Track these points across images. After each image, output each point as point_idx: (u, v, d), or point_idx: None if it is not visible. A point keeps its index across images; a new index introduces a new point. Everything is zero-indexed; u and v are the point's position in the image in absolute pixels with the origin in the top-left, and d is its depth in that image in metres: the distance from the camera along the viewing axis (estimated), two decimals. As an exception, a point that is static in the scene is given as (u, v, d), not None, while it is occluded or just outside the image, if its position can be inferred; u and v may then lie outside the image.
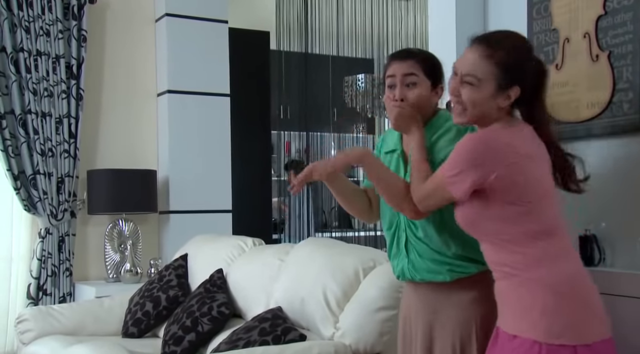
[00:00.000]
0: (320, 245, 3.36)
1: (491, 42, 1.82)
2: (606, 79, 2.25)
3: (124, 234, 4.86)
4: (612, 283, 2.10)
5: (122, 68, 5.08)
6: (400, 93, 2.13)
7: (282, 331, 2.89)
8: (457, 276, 2.08)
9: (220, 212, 5.20)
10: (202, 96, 5.15)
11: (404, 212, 2.09)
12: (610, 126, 2.25)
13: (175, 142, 5.06)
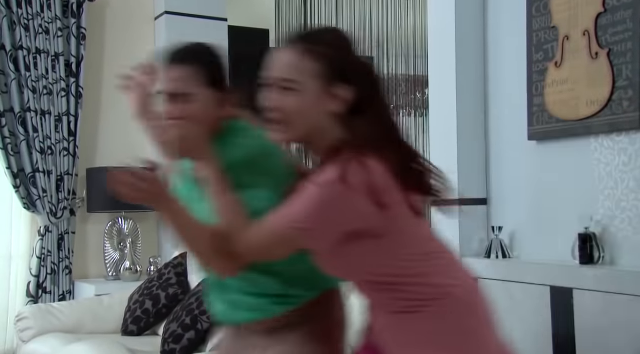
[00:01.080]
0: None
1: (309, 39, 1.52)
2: (606, 76, 2.23)
3: (123, 232, 4.85)
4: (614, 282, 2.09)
5: (122, 66, 5.05)
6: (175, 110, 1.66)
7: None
8: (282, 311, 1.67)
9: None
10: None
11: (216, 268, 1.62)
12: (610, 124, 2.23)
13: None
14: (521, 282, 2.45)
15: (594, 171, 2.36)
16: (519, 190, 2.61)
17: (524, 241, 2.59)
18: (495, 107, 2.71)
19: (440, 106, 2.78)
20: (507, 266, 2.51)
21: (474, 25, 2.66)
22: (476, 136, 2.73)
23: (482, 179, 2.73)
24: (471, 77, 2.72)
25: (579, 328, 2.24)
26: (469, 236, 2.68)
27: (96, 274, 4.86)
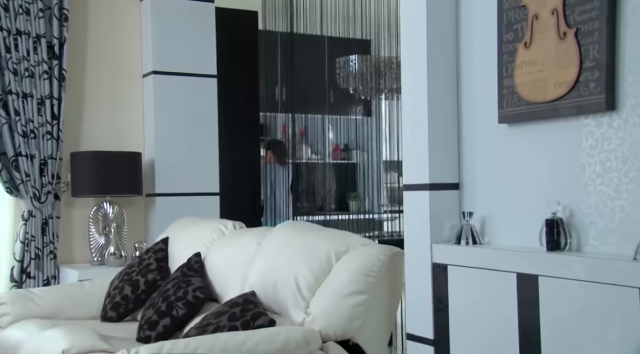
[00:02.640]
0: (296, 229, 3.32)
1: None
2: (573, 57, 2.18)
3: (108, 217, 4.83)
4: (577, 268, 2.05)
5: (107, 48, 5.03)
6: None
7: (252, 316, 2.86)
8: None
9: (208, 195, 5.17)
10: (189, 77, 5.10)
11: None
12: (577, 106, 2.18)
13: (161, 124, 5.02)
14: (488, 268, 2.41)
15: (561, 154, 2.31)
16: (490, 174, 2.56)
17: (494, 226, 2.55)
18: (468, 89, 2.66)
19: (411, 88, 2.74)
20: (475, 252, 2.48)
21: (446, 4, 2.60)
22: (448, 119, 2.68)
23: (454, 163, 2.69)
24: (443, 58, 2.67)
25: (544, 316, 2.20)
26: (440, 222, 2.64)
27: (82, 259, 4.87)
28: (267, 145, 6.89)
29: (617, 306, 1.99)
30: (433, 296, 2.65)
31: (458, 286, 2.55)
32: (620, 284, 1.99)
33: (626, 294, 1.96)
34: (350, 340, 2.84)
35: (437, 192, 2.65)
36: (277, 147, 6.73)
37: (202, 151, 5.15)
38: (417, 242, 2.71)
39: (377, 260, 2.86)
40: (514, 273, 2.31)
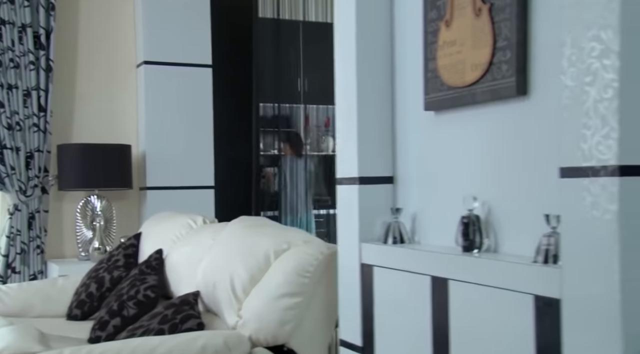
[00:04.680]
0: (245, 225, 3.19)
1: None
2: (487, 36, 1.99)
3: (96, 211, 4.80)
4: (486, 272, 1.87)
5: (98, 38, 4.99)
6: None
7: (182, 319, 2.75)
8: None
9: (202, 189, 5.09)
10: (182, 67, 5.03)
11: None
12: (491, 91, 1.99)
13: (153, 116, 4.96)
14: (406, 270, 2.24)
15: (479, 145, 2.13)
16: (420, 167, 2.38)
17: (424, 224, 2.37)
18: (401, 76, 2.48)
19: (342, 76, 2.57)
20: (396, 253, 2.30)
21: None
22: (380, 108, 2.50)
23: (388, 155, 2.51)
24: (373, 43, 2.49)
25: (453, 322, 2.03)
26: (371, 219, 2.47)
27: (71, 254, 4.85)
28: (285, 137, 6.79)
29: (513, 313, 1.81)
30: (361, 299, 2.48)
31: (382, 289, 2.39)
32: (516, 290, 1.80)
33: (522, 301, 1.78)
34: (285, 345, 2.70)
35: (367, 187, 2.48)
36: (293, 139, 6.62)
37: (197, 143, 5.07)
38: (347, 241, 2.55)
39: (313, 259, 2.71)
40: (429, 276, 2.13)
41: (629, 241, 1.50)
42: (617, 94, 1.51)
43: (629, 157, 1.51)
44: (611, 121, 1.52)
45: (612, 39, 1.52)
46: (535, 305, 1.76)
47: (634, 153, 1.51)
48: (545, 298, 1.72)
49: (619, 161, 1.52)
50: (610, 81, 1.52)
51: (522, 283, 1.79)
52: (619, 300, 1.50)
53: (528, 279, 1.78)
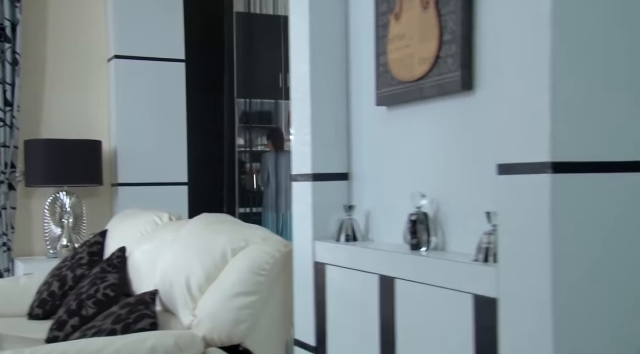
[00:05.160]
0: (205, 222, 3.18)
1: None
2: (434, 29, 1.98)
3: (65, 208, 4.79)
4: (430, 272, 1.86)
5: (67, 31, 4.97)
6: None
7: (135, 319, 2.74)
8: None
9: (176, 185, 5.08)
10: (155, 62, 5.01)
11: None
12: (438, 86, 1.98)
13: (125, 112, 4.94)
14: (356, 269, 2.23)
15: (426, 141, 2.12)
16: (374, 163, 2.38)
17: (377, 221, 2.36)
18: (356, 69, 2.47)
19: (297, 69, 2.56)
20: (346, 251, 2.29)
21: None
22: (335, 103, 2.49)
23: (343, 151, 2.50)
24: (328, 35, 2.48)
25: (400, 322, 2.02)
26: (325, 217, 2.46)
27: (40, 252, 4.83)
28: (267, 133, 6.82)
29: (455, 312, 1.80)
30: (315, 298, 2.47)
31: (335, 288, 2.38)
32: (457, 289, 1.79)
33: (462, 300, 1.77)
34: (241, 345, 2.69)
35: (321, 184, 2.47)
36: (275, 135, 6.62)
37: (170, 139, 5.06)
38: (301, 239, 2.54)
39: (270, 258, 2.70)
40: (377, 275, 2.12)
41: (561, 239, 1.49)
42: (549, 90, 1.50)
43: (561, 154, 1.50)
44: (543, 118, 1.51)
45: (544, 34, 1.51)
46: (474, 305, 1.75)
47: (566, 150, 1.50)
48: (483, 297, 1.71)
49: (551, 157, 1.50)
50: (542, 77, 1.51)
51: (462, 282, 1.79)
52: (550, 299, 1.49)
53: (467, 279, 1.77)
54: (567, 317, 1.49)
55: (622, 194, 1.52)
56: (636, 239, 1.52)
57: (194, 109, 5.14)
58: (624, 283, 1.52)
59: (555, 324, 1.49)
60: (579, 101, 1.50)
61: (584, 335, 1.50)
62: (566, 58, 1.49)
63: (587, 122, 1.51)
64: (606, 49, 1.52)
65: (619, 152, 1.52)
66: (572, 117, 1.50)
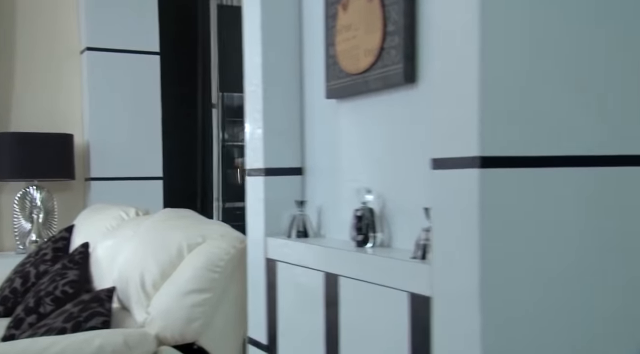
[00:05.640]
0: (165, 217, 3.15)
1: None
2: (378, 20, 1.95)
3: (34, 202, 4.76)
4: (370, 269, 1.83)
5: (38, 22, 4.93)
6: None
7: (87, 316, 2.70)
8: None
9: (150, 179, 5.05)
10: (128, 54, 4.97)
11: None
12: (382, 78, 1.95)
13: (98, 105, 4.91)
14: (303, 266, 2.21)
15: (372, 135, 2.09)
16: (326, 158, 2.35)
17: (328, 217, 2.34)
18: (308, 61, 2.44)
19: (249, 59, 2.53)
20: (295, 247, 2.27)
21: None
22: (288, 95, 2.46)
23: (297, 145, 2.47)
24: (281, 25, 2.45)
25: (343, 319, 2.00)
26: (278, 212, 2.43)
27: (9, 247, 4.79)
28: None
29: (392, 311, 1.78)
30: (266, 296, 2.45)
31: (284, 285, 2.35)
32: (394, 287, 1.77)
33: (399, 298, 1.74)
34: (195, 343, 2.66)
35: (273, 178, 2.44)
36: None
37: (144, 133, 5.03)
38: (254, 235, 2.51)
39: (224, 254, 2.67)
40: (322, 272, 2.09)
41: (489, 235, 1.47)
42: (477, 84, 1.47)
43: (490, 148, 1.47)
44: (472, 111, 1.48)
45: (473, 26, 1.48)
46: (410, 303, 1.72)
47: (494, 144, 1.48)
48: (418, 295, 1.69)
49: (479, 152, 1.47)
50: (471, 70, 1.48)
51: (399, 280, 1.76)
52: (478, 297, 1.46)
53: (403, 276, 1.74)
54: (495, 315, 1.46)
55: (552, 189, 1.49)
56: (564, 233, 1.49)
57: (168, 102, 5.11)
58: (553, 278, 1.49)
59: (483, 323, 1.46)
60: (508, 95, 1.47)
61: (512, 333, 1.47)
62: (495, 51, 1.46)
63: (516, 116, 1.48)
64: (538, 43, 1.49)
65: (548, 147, 1.50)
66: (501, 111, 1.47)
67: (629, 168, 1.55)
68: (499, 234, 1.48)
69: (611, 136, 1.54)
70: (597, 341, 1.52)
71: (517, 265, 1.48)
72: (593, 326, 1.52)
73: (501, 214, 1.48)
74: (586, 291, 1.51)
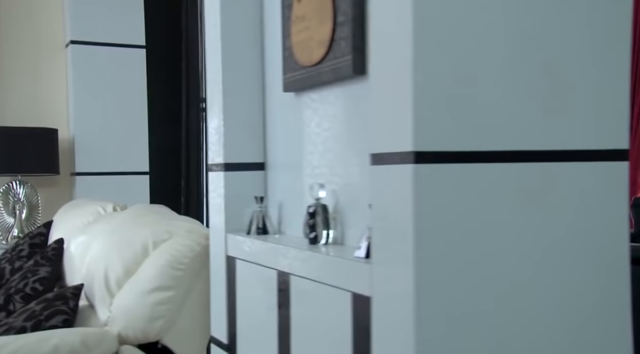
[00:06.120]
0: (136, 213, 3.11)
1: None
2: (328, 10, 1.89)
3: (17, 196, 4.73)
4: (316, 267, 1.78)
5: (22, 14, 4.90)
6: None
7: (48, 315, 2.66)
8: None
9: (136, 174, 5.01)
10: (114, 48, 4.93)
11: None
12: (333, 70, 1.89)
13: (83, 99, 4.87)
14: (259, 264, 2.16)
15: (327, 129, 2.03)
16: (285, 152, 2.29)
17: (288, 213, 2.28)
18: (269, 52, 2.39)
19: (210, 51, 2.48)
20: (250, 245, 2.21)
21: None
22: (250, 88, 2.41)
23: (259, 140, 2.42)
24: (240, 15, 2.39)
25: (294, 319, 1.95)
26: (239, 208, 2.38)
27: (-7, 243, 4.75)
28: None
29: (337, 311, 1.72)
30: (227, 294, 2.40)
31: (243, 283, 2.30)
32: (338, 287, 1.71)
33: (343, 298, 1.69)
34: (159, 342, 2.62)
35: (234, 174, 2.39)
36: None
37: (130, 127, 4.99)
38: (215, 231, 2.46)
39: (189, 251, 2.62)
40: (275, 271, 2.04)
41: (423, 232, 1.41)
42: (411, 77, 1.41)
43: (425, 143, 1.42)
44: (407, 105, 1.42)
45: (406, 15, 1.42)
46: (352, 303, 1.67)
47: (429, 139, 1.42)
48: (359, 295, 1.63)
49: (414, 147, 1.42)
50: (405, 63, 1.42)
51: (342, 280, 1.70)
52: (412, 295, 1.41)
53: (346, 276, 1.69)
54: (430, 315, 1.40)
55: (488, 185, 1.43)
56: (501, 230, 1.44)
57: (155, 96, 5.07)
58: (489, 275, 1.43)
59: (417, 323, 1.40)
60: (444, 90, 1.41)
61: (447, 333, 1.41)
62: (430, 45, 1.40)
63: (452, 111, 1.42)
64: (474, 37, 1.43)
65: (485, 142, 1.44)
66: (436, 105, 1.41)
67: (566, 164, 1.49)
68: (433, 231, 1.42)
69: (549, 131, 1.48)
70: (533, 337, 1.47)
71: (453, 263, 1.42)
72: (529, 322, 1.46)
73: (436, 211, 1.42)
74: (522, 288, 1.45)
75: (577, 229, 1.51)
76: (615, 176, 1.54)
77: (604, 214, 1.53)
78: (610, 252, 1.54)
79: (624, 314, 1.55)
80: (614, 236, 1.54)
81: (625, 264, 1.55)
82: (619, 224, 1.54)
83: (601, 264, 1.53)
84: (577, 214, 1.51)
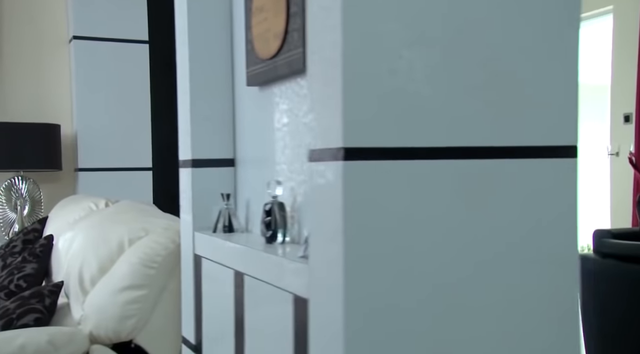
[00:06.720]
0: (118, 210, 3.06)
1: None
2: (283, 1, 1.82)
3: (20, 192, 4.72)
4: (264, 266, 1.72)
5: (25, 10, 4.88)
6: None
7: (20, 313, 2.62)
8: None
9: (140, 170, 4.98)
10: (117, 43, 4.90)
11: None
12: (287, 63, 1.83)
13: (86, 95, 4.85)
14: (219, 263, 2.10)
15: (284, 124, 1.97)
16: (252, 148, 2.23)
17: (254, 210, 2.22)
18: (238, 46, 2.33)
19: (179, 44, 2.42)
20: (212, 244, 2.16)
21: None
22: (219, 82, 2.35)
23: (228, 135, 2.36)
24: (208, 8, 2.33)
25: (247, 319, 1.89)
26: (207, 206, 2.32)
27: (-4, 238, 4.75)
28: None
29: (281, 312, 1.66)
30: (194, 293, 2.34)
31: (208, 282, 2.25)
32: (282, 288, 1.65)
33: (286, 299, 1.62)
34: (132, 342, 2.57)
35: (201, 170, 2.33)
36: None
37: (133, 123, 4.96)
38: (184, 229, 2.41)
39: (162, 249, 2.57)
40: (232, 270, 1.99)
41: (354, 231, 1.33)
42: (341, 70, 1.34)
43: (354, 139, 1.34)
44: (336, 101, 1.35)
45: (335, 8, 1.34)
46: (294, 305, 1.60)
47: (359, 135, 1.34)
48: (299, 297, 1.57)
49: (344, 143, 1.34)
50: (333, 56, 1.35)
51: (286, 281, 1.64)
52: (342, 296, 1.33)
53: (290, 277, 1.62)
54: (360, 317, 1.33)
55: (423, 182, 1.36)
56: (436, 228, 1.36)
57: (158, 91, 5.02)
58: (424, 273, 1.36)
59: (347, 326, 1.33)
60: (375, 84, 1.33)
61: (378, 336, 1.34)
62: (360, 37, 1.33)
63: (384, 106, 1.34)
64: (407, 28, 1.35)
65: (418, 138, 1.36)
66: (366, 100, 1.34)
67: (510, 160, 1.41)
68: (365, 229, 1.34)
69: (491, 127, 1.40)
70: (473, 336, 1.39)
71: (386, 262, 1.35)
72: (469, 322, 1.38)
73: (367, 209, 1.34)
74: (461, 287, 1.37)
75: (522, 228, 1.43)
76: (563, 173, 1.45)
77: (552, 212, 1.45)
78: (558, 251, 1.45)
79: (573, 315, 1.47)
80: (562, 234, 1.46)
81: (574, 264, 1.47)
82: (567, 222, 1.46)
83: (549, 264, 1.45)
84: (523, 212, 1.43)
